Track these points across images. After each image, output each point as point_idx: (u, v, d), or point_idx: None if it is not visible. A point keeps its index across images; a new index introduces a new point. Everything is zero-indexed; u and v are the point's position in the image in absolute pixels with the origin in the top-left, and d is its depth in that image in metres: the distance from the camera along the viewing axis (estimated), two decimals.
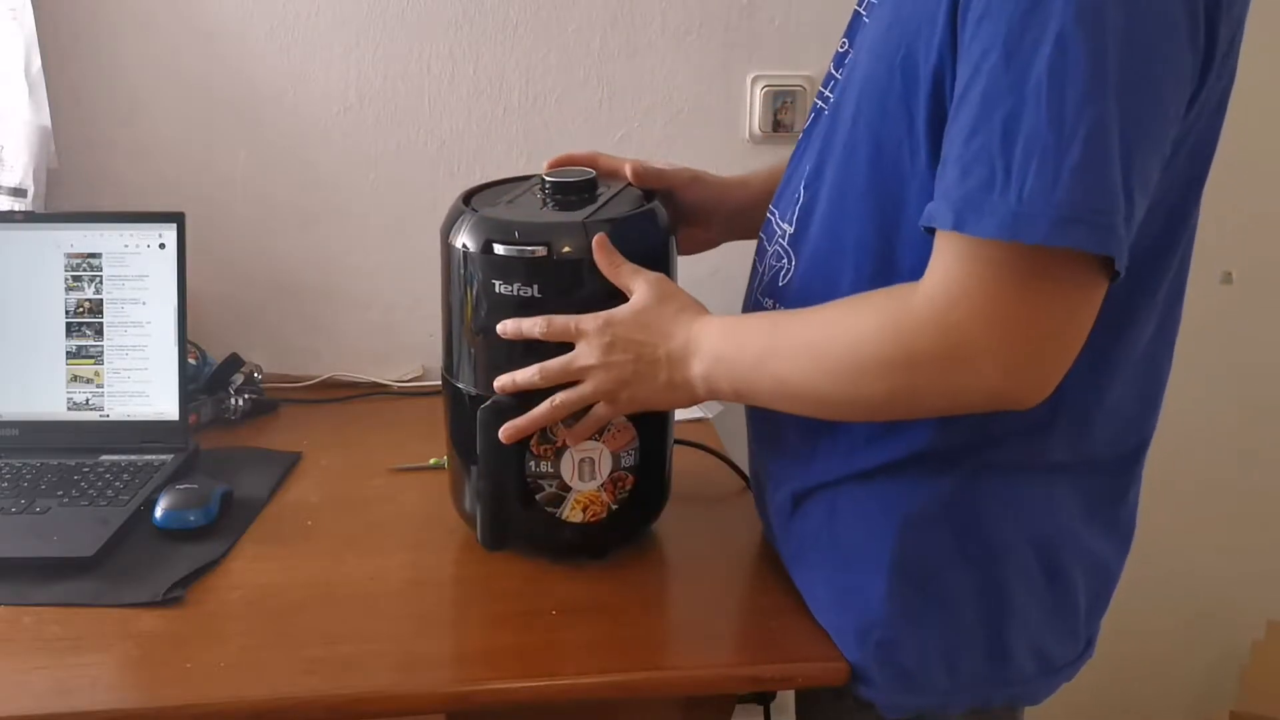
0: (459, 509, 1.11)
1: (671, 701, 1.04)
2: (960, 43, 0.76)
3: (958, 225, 0.74)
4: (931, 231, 0.78)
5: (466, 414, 1.04)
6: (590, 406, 0.97)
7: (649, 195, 1.08)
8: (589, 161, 1.10)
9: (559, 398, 0.96)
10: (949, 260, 0.77)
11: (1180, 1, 0.72)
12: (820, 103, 0.97)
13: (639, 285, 0.96)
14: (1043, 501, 0.91)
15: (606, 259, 0.97)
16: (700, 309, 0.96)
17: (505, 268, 0.97)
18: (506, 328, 0.97)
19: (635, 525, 1.11)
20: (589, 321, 0.94)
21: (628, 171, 1.08)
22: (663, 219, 1.04)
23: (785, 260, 0.95)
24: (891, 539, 0.90)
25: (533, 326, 0.96)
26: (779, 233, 0.97)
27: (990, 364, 0.77)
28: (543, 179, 1.06)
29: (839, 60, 0.96)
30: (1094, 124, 0.71)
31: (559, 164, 1.09)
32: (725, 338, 0.92)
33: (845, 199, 0.88)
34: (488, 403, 0.99)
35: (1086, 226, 0.72)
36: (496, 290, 0.98)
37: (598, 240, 0.97)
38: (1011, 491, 0.90)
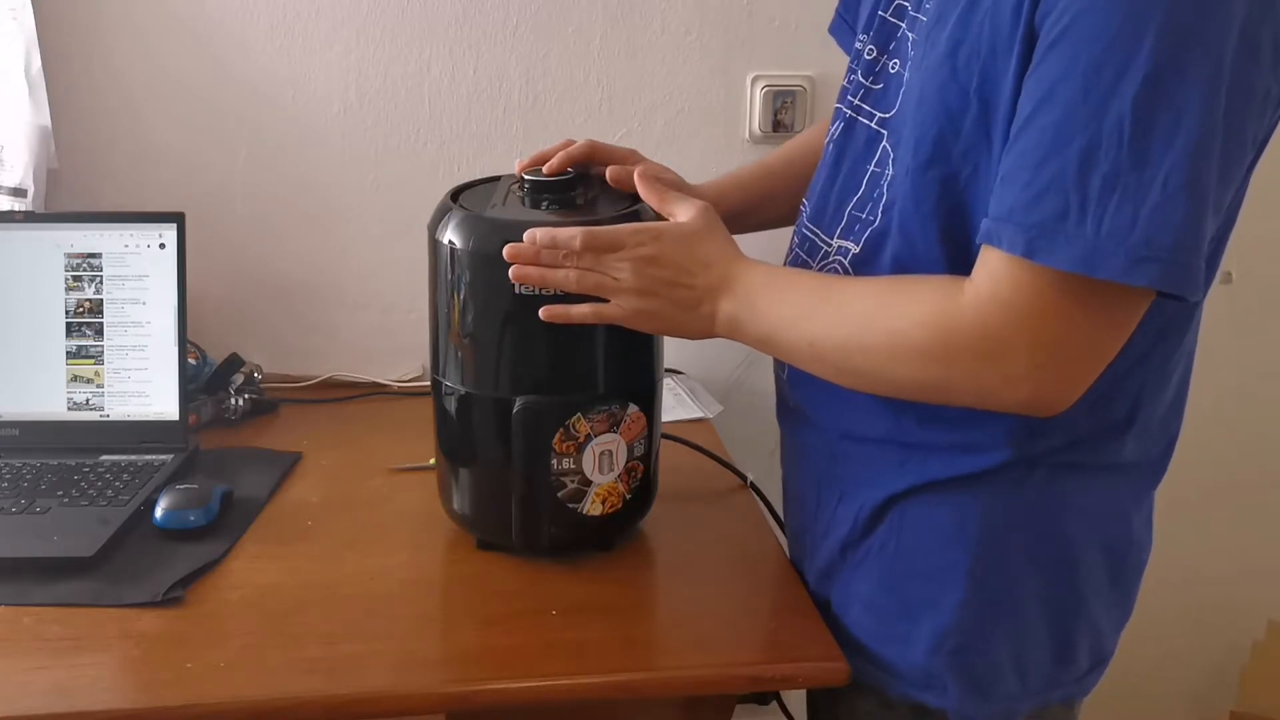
0: (448, 509, 1.11)
1: (671, 701, 1.03)
2: (1031, 63, 0.75)
3: (1029, 253, 0.74)
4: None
5: (455, 413, 1.04)
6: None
7: (635, 195, 1.07)
8: (585, 153, 1.08)
9: (587, 278, 0.92)
10: (1004, 275, 0.77)
11: (1269, 35, 0.72)
12: (854, 114, 0.96)
13: (687, 211, 0.95)
14: (1111, 502, 0.92)
15: (650, 189, 0.98)
16: (738, 248, 0.95)
17: (504, 267, 0.97)
18: (537, 235, 0.93)
19: (642, 513, 1.11)
20: (633, 235, 0.92)
21: (608, 175, 1.06)
22: (647, 219, 1.04)
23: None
24: (968, 548, 0.90)
25: (570, 238, 0.92)
26: (833, 249, 0.95)
27: (1027, 377, 0.79)
28: (523, 178, 1.06)
29: (869, 69, 0.95)
30: (1178, 164, 0.71)
31: (533, 163, 1.07)
32: (765, 287, 0.91)
33: (915, 223, 0.86)
34: (522, 404, 0.99)
35: (1163, 266, 0.72)
36: (511, 290, 0.97)
37: (639, 173, 0.99)
38: (1086, 495, 0.91)
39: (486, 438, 1.04)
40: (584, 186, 1.07)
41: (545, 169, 1.05)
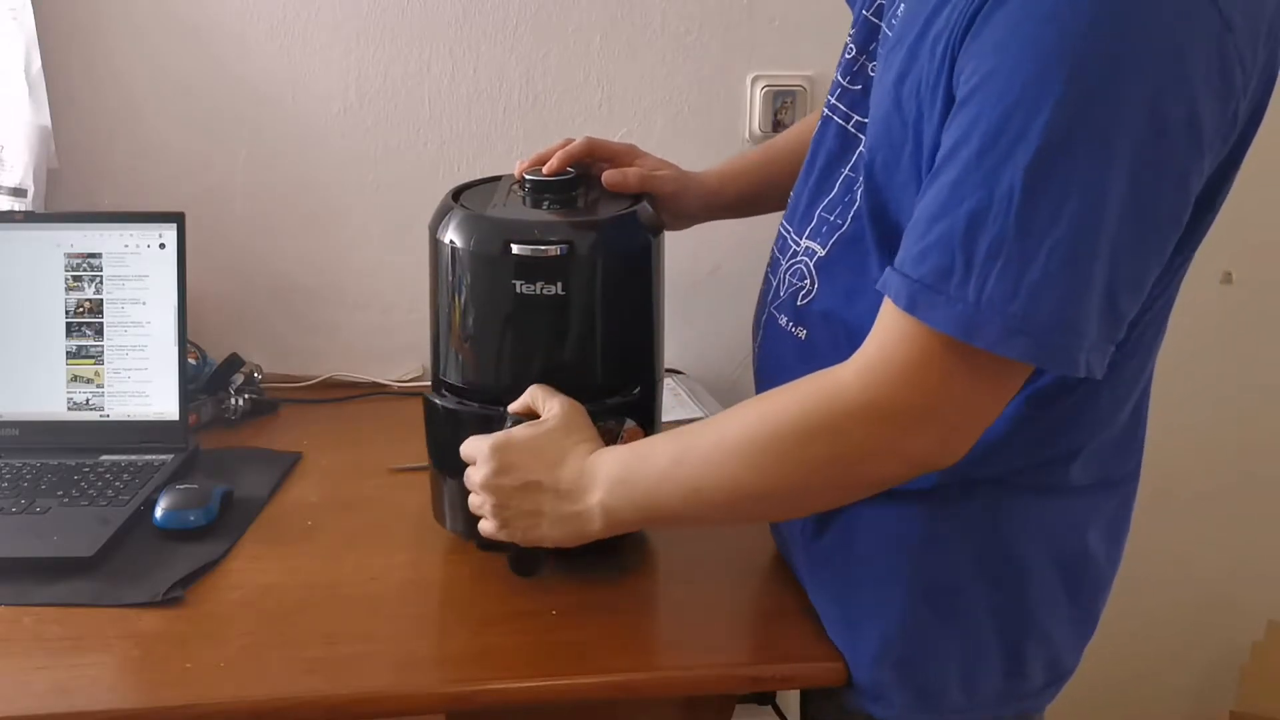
0: (439, 521, 1.10)
1: (671, 701, 1.04)
2: (949, 117, 0.73)
3: (911, 307, 0.73)
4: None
5: (452, 421, 1.04)
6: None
7: (634, 196, 1.07)
8: (583, 150, 1.08)
9: (471, 501, 0.95)
10: (890, 327, 0.75)
11: (1182, 113, 0.68)
12: (830, 113, 0.95)
13: (550, 409, 0.94)
14: (1066, 522, 0.91)
15: (529, 395, 0.97)
16: (604, 446, 0.92)
17: (505, 267, 0.97)
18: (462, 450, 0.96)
19: None
20: (482, 446, 0.92)
21: (604, 180, 1.06)
22: (647, 219, 1.04)
23: (807, 281, 0.93)
24: (913, 559, 0.89)
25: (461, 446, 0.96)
26: (800, 249, 0.94)
27: (917, 429, 0.77)
28: (524, 178, 1.06)
29: (847, 69, 0.94)
30: (1061, 242, 0.68)
31: (533, 164, 1.07)
32: (624, 462, 0.88)
33: (867, 233, 0.86)
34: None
35: (1035, 342, 0.70)
36: (512, 290, 0.97)
37: (531, 389, 0.97)
38: (1036, 513, 0.89)
39: None
40: (585, 187, 1.07)
41: (545, 169, 1.05)
